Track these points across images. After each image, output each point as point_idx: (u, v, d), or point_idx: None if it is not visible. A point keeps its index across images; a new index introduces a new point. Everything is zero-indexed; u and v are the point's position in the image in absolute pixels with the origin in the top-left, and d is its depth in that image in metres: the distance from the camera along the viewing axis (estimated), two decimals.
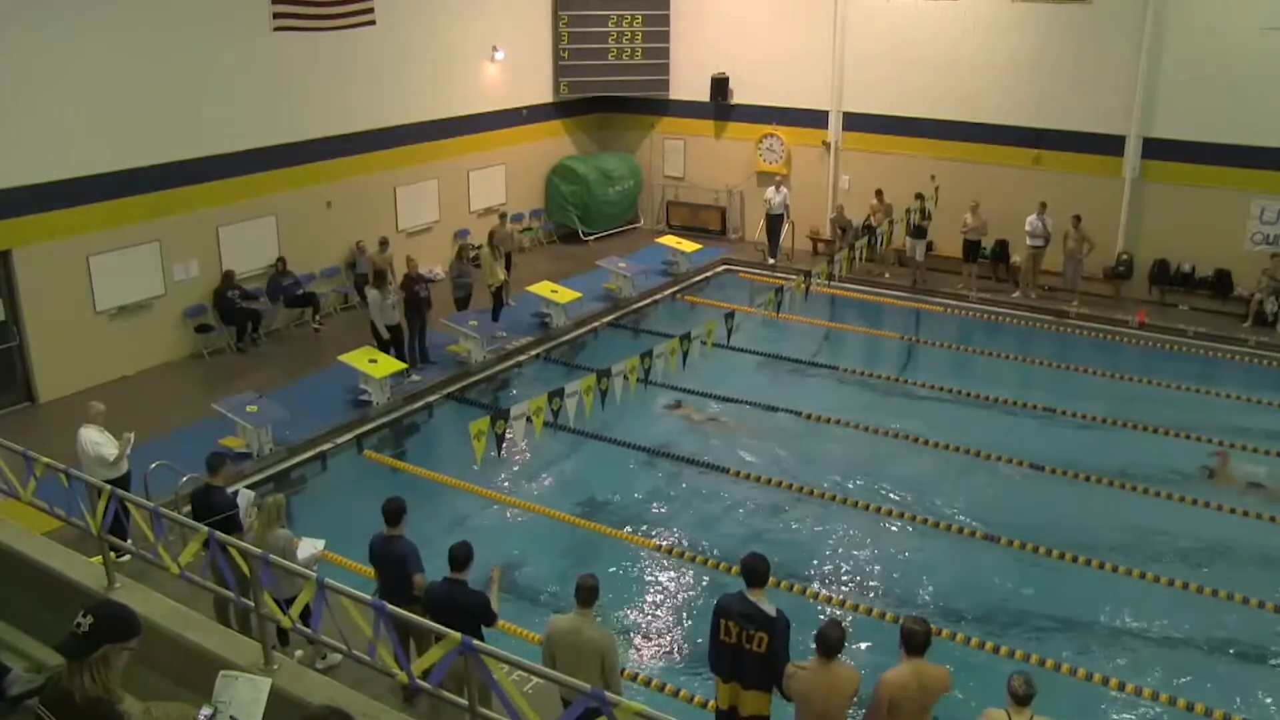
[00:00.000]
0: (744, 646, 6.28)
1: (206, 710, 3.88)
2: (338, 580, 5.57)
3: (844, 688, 6.07)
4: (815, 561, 10.55)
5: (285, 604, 5.91)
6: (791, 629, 6.43)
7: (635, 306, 17.88)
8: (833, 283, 16.07)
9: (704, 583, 10.21)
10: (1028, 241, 17.70)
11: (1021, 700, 5.73)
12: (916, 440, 12.90)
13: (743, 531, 11.08)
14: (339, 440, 12.84)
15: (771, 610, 6.31)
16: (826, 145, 20.36)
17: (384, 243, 16.40)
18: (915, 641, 6.00)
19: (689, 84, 21.41)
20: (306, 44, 15.72)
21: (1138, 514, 11.29)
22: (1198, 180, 17.11)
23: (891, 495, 11.72)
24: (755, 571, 6.41)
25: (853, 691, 6.11)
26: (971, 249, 18.09)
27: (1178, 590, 9.83)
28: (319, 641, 6.10)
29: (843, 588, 10.13)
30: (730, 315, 12.88)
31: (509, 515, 11.48)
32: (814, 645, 6.12)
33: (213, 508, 8.38)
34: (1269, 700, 8.58)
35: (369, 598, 5.44)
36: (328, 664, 7.83)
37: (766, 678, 6.35)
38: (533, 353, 15.78)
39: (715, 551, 10.58)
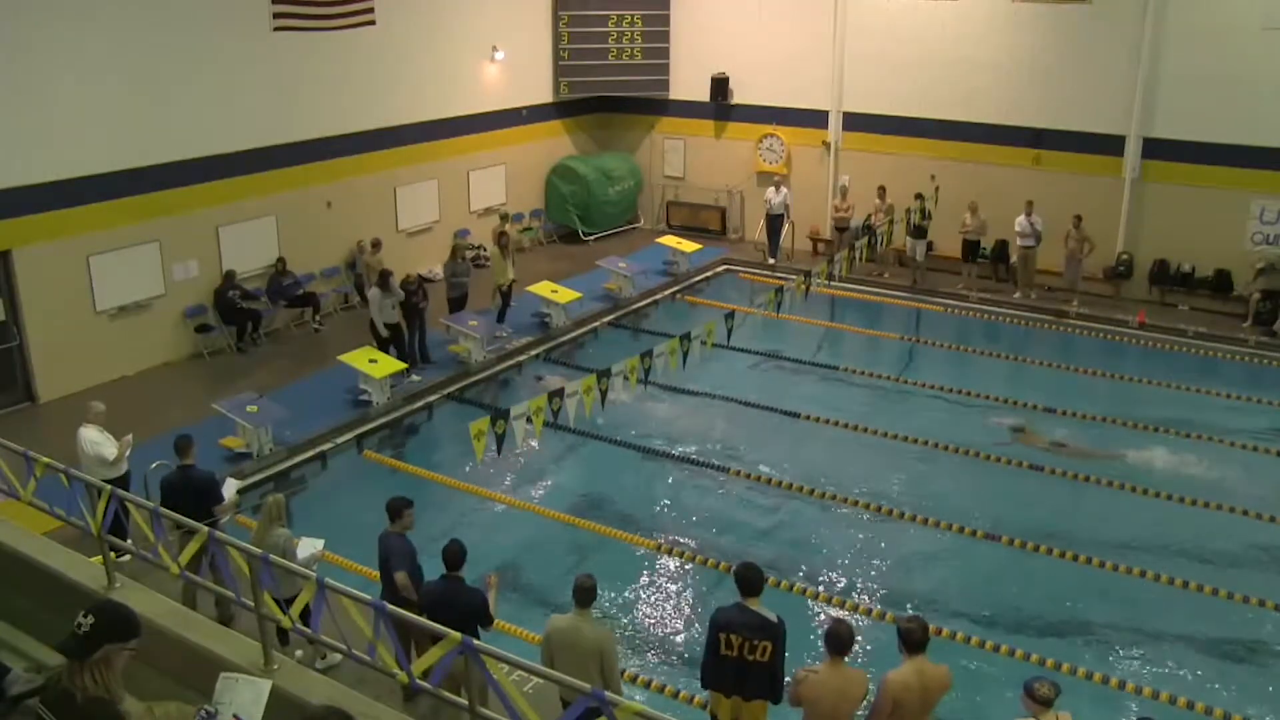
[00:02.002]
0: (747, 658, 6.22)
1: (207, 710, 3.88)
2: (338, 580, 5.57)
3: (854, 692, 6.06)
4: (815, 561, 10.53)
5: (285, 604, 5.91)
6: (791, 629, 6.42)
7: (635, 306, 17.86)
8: (833, 283, 16.04)
9: (704, 583, 10.21)
10: (1019, 242, 17.73)
11: (1043, 702, 5.74)
12: (916, 440, 12.89)
13: (743, 531, 11.10)
14: (339, 440, 12.84)
15: (773, 617, 6.28)
16: (826, 145, 20.36)
17: (376, 244, 16.38)
18: (913, 640, 6.00)
19: (689, 84, 21.41)
20: (306, 44, 15.72)
21: (1137, 513, 11.29)
22: (1198, 180, 17.11)
23: (891, 494, 11.71)
24: (750, 581, 6.32)
25: (862, 695, 6.10)
26: (971, 249, 18.11)
27: (1177, 589, 9.84)
28: (319, 641, 6.10)
29: (843, 588, 10.12)
30: (730, 315, 12.86)
31: (509, 515, 11.47)
32: (824, 645, 6.10)
33: (191, 485, 8.58)
34: (1264, 698, 8.59)
35: (369, 598, 5.44)
36: (328, 664, 7.83)
37: (768, 686, 6.32)
38: (533, 353, 15.78)
39: (715, 552, 10.57)
